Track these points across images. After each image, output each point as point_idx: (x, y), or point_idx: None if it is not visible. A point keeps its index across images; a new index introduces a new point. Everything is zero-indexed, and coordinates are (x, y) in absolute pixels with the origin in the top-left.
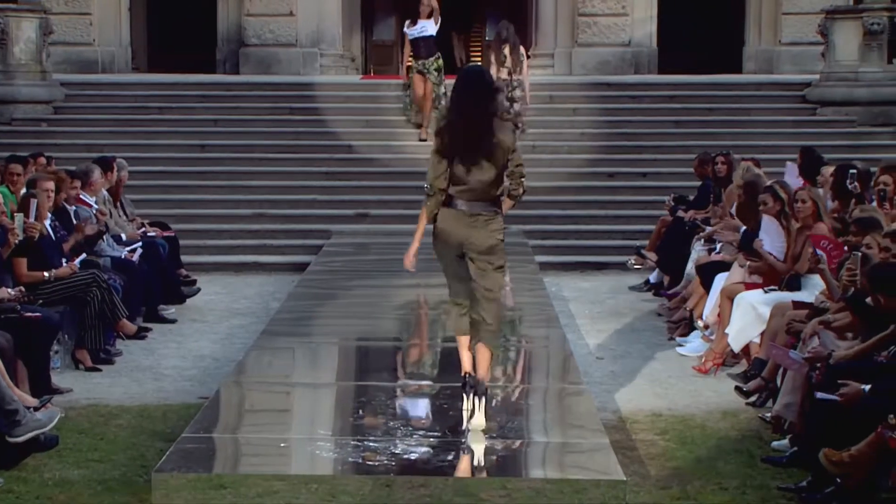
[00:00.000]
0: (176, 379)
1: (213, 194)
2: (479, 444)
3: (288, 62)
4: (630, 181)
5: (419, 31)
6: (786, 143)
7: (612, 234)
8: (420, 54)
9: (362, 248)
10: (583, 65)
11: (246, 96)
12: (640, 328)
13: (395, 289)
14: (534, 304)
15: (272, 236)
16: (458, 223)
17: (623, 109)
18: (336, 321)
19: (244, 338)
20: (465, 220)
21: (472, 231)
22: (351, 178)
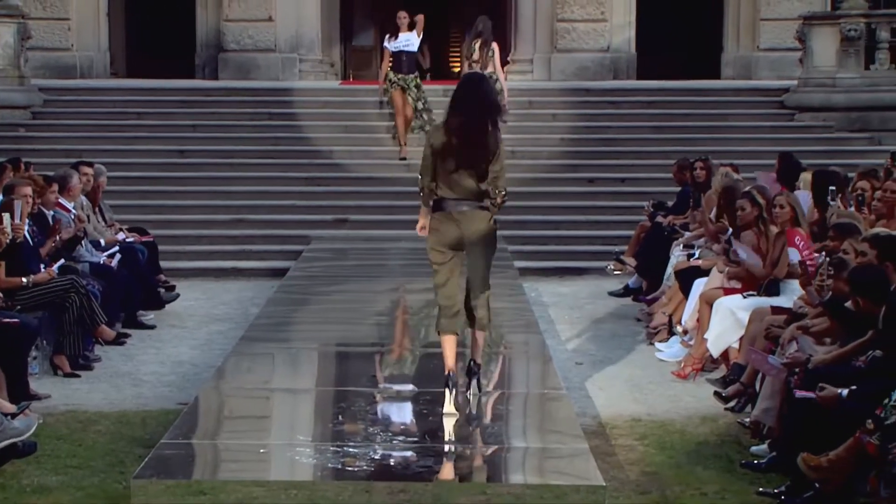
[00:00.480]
0: (155, 385)
1: (192, 200)
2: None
3: (267, 67)
4: (609, 186)
5: (403, 45)
6: (764, 148)
7: (592, 240)
8: (401, 69)
9: (341, 254)
10: (562, 70)
11: (225, 101)
12: (619, 333)
13: (375, 294)
14: (513, 310)
15: (251, 242)
16: (450, 223)
17: (602, 115)
18: (315, 327)
19: (223, 343)
20: (454, 220)
21: (463, 228)
22: (330, 183)
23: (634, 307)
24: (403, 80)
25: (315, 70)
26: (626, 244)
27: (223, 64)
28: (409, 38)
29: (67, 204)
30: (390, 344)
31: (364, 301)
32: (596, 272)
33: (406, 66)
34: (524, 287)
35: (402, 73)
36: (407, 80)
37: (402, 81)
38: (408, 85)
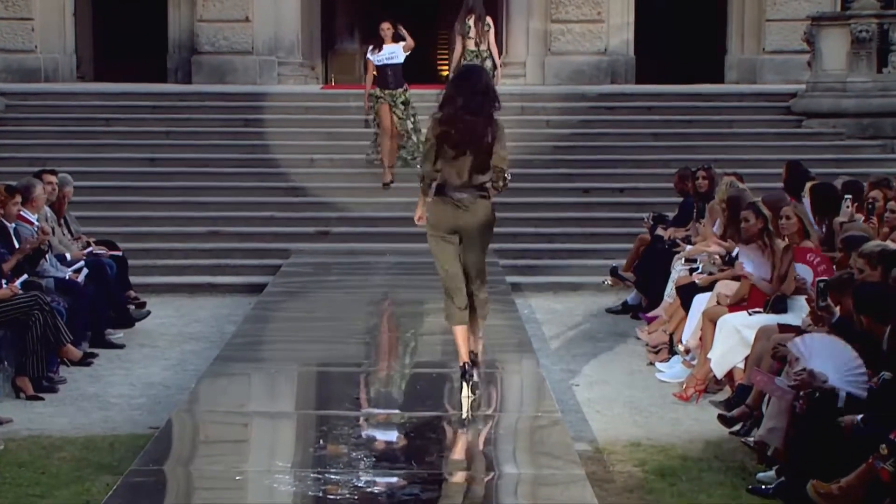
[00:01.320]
0: (124, 408)
1: (163, 211)
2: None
3: (244, 71)
4: (606, 197)
5: (387, 58)
6: (770, 156)
7: (588, 254)
8: (387, 84)
9: (323, 269)
10: (556, 74)
11: (199, 107)
12: (617, 352)
13: (359, 311)
14: (505, 328)
15: (227, 255)
16: (448, 209)
17: (599, 121)
18: (295, 346)
19: (197, 364)
20: (454, 207)
21: (462, 214)
22: (311, 193)
23: (633, 325)
24: (390, 96)
25: (295, 74)
26: (625, 258)
27: (197, 67)
28: (394, 50)
29: (30, 216)
30: (375, 364)
31: (347, 319)
32: (592, 288)
33: (392, 80)
34: (516, 303)
35: (388, 89)
36: (394, 96)
37: (388, 97)
38: (395, 101)
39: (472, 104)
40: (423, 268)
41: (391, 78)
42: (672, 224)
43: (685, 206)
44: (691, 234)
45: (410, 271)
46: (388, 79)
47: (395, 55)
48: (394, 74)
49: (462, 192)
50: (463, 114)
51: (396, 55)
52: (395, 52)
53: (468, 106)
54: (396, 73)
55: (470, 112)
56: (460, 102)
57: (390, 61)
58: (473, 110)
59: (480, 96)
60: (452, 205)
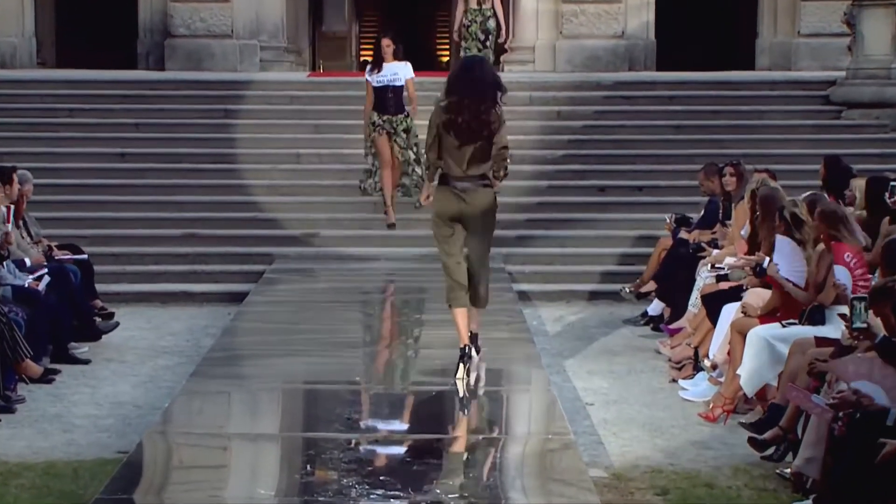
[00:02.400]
0: (89, 430)
1: (134, 211)
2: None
3: (222, 56)
4: (623, 196)
5: (389, 79)
6: (806, 151)
7: (603, 258)
8: (387, 108)
9: (310, 275)
10: (568, 60)
11: (173, 96)
12: (636, 369)
13: (350, 323)
14: (512, 340)
15: (204, 261)
16: (452, 198)
17: (615, 112)
18: (280, 360)
19: (171, 381)
20: (457, 196)
21: (464, 203)
22: (297, 192)
23: (654, 338)
24: (390, 123)
25: (279, 59)
26: (644, 264)
27: (170, 52)
28: (397, 69)
29: None
30: (368, 381)
31: (337, 330)
32: (608, 296)
33: (393, 105)
34: (524, 314)
35: (387, 115)
36: (394, 123)
37: (388, 124)
38: (395, 129)
39: (476, 95)
40: (419, 274)
41: (391, 102)
42: (697, 226)
43: (711, 206)
44: (718, 238)
45: (406, 278)
46: (388, 103)
47: (396, 76)
48: (394, 98)
49: (464, 181)
50: (467, 104)
51: (398, 76)
52: (398, 72)
53: (472, 97)
54: (397, 96)
55: (474, 103)
56: (464, 93)
57: (391, 83)
58: (478, 101)
59: (484, 86)
60: (455, 194)
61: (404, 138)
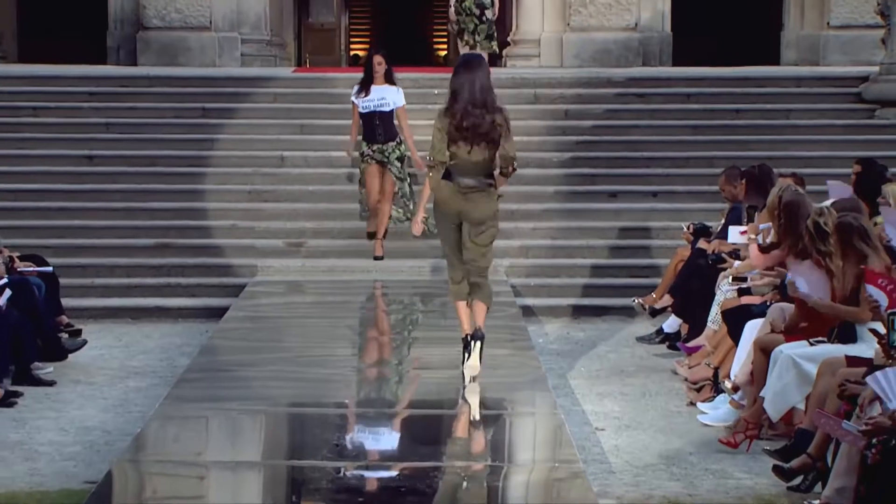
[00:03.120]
0: (54, 458)
1: (103, 219)
2: None
3: (200, 50)
4: (637, 202)
5: (377, 104)
6: (837, 153)
7: (615, 271)
8: (375, 137)
9: (296, 289)
10: (576, 55)
11: (146, 94)
12: (650, 391)
13: (338, 341)
14: (515, 360)
15: (180, 273)
16: (455, 196)
17: (628, 111)
18: (263, 382)
19: (143, 404)
20: (461, 194)
21: (467, 203)
22: (281, 198)
23: (670, 357)
24: (381, 152)
25: (262, 54)
26: (659, 277)
27: (143, 45)
28: (385, 94)
29: None
30: (358, 405)
31: (325, 349)
32: (620, 312)
33: (383, 132)
34: (528, 330)
35: (377, 143)
36: (386, 152)
37: (378, 154)
38: (387, 158)
39: (477, 98)
40: (413, 287)
41: (380, 129)
42: (718, 235)
43: (733, 213)
44: (740, 248)
45: (399, 292)
46: (376, 130)
47: (384, 101)
48: (383, 125)
49: (469, 179)
50: (470, 108)
51: (386, 101)
52: (385, 97)
53: (474, 100)
54: (386, 122)
55: (476, 106)
56: (466, 96)
57: (378, 109)
58: (480, 104)
59: (484, 88)
60: (459, 191)
61: (398, 167)
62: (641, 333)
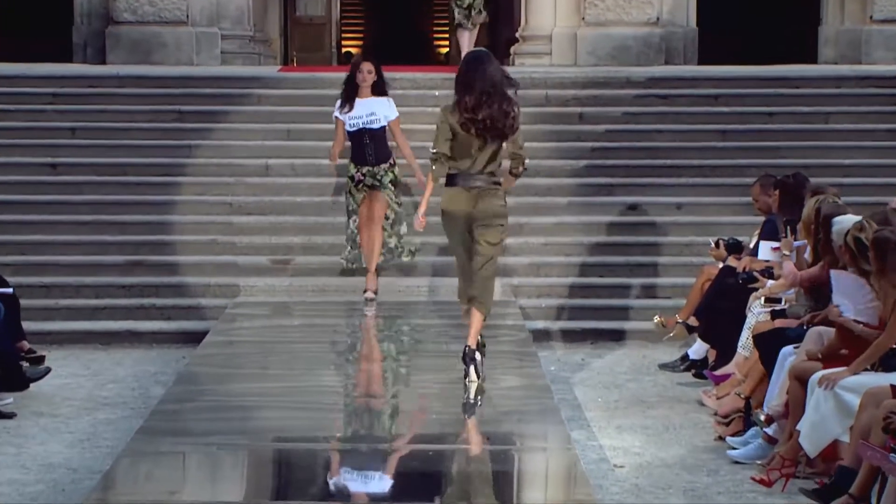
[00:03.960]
0: (13, 497)
1: (68, 233)
2: None
3: (175, 47)
4: (659, 215)
5: (365, 121)
6: (880, 160)
7: (635, 291)
8: (365, 158)
9: (282, 311)
10: (592, 52)
11: (115, 95)
12: (675, 424)
13: (327, 368)
14: (524, 389)
15: (153, 293)
16: (461, 199)
17: (649, 115)
18: (245, 414)
19: (113, 439)
20: (467, 195)
21: (475, 203)
22: (266, 210)
23: (697, 386)
24: (372, 176)
25: (244, 51)
26: (684, 298)
27: (113, 42)
28: (374, 108)
29: None
30: (350, 439)
31: (313, 378)
32: (641, 336)
33: (373, 152)
34: (539, 357)
35: (367, 166)
36: (378, 175)
37: (370, 177)
38: (379, 181)
39: (490, 89)
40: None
41: (369, 149)
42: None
43: (768, 226)
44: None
45: (395, 314)
46: (366, 150)
47: (374, 117)
48: (374, 144)
49: (475, 180)
50: (476, 104)
51: (376, 117)
52: (375, 111)
53: (482, 96)
54: (377, 141)
55: (484, 103)
56: (474, 93)
57: (368, 125)
58: (487, 101)
59: (497, 81)
60: (465, 193)
61: (391, 192)
62: (664, 360)
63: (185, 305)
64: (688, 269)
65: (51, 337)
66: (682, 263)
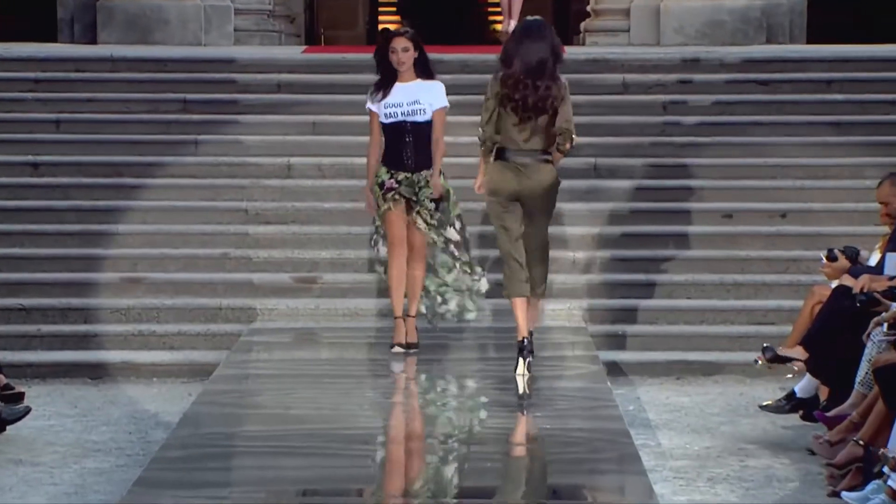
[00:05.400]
0: None
1: (53, 246)
2: None
3: (180, 24)
4: (760, 225)
5: (406, 110)
6: None
7: (731, 315)
8: (403, 160)
9: (305, 339)
10: (678, 29)
11: (108, 81)
12: (779, 475)
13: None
14: (598, 432)
15: (154, 317)
16: (509, 174)
17: (746, 104)
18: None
19: (106, 491)
20: (515, 171)
21: (524, 179)
22: (288, 218)
23: (806, 430)
24: (410, 185)
25: (262, 28)
26: (790, 324)
27: (105, 17)
28: (418, 94)
29: None
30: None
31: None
32: (738, 369)
33: (413, 154)
34: (615, 394)
35: (404, 171)
36: (416, 184)
37: (407, 187)
38: (417, 195)
39: (534, 66)
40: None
41: (410, 149)
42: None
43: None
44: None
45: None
46: (404, 150)
47: (418, 106)
48: (415, 142)
49: (524, 156)
50: (525, 77)
51: (421, 105)
52: (419, 98)
53: (530, 68)
54: (421, 139)
55: (532, 75)
56: (522, 65)
57: (410, 118)
58: (536, 73)
59: (543, 57)
60: (514, 169)
61: (431, 211)
62: (766, 399)
63: (191, 332)
64: (794, 290)
65: (31, 370)
66: (788, 282)
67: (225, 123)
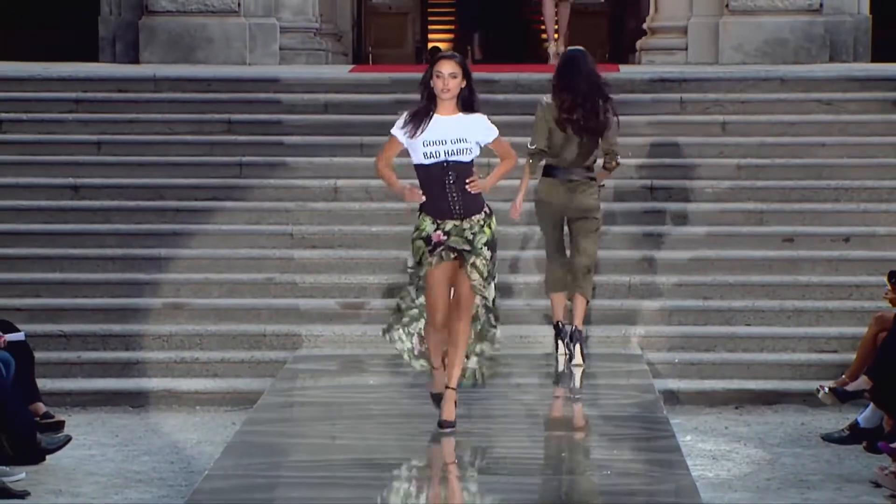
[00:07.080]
0: None
1: (93, 271)
2: None
3: (224, 43)
4: (823, 249)
5: (448, 149)
6: None
7: (792, 342)
8: (447, 207)
9: (353, 366)
10: (738, 47)
11: (151, 101)
12: None
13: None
14: (654, 463)
15: (197, 344)
16: (557, 190)
17: (810, 124)
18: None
19: None
20: (563, 187)
21: (570, 195)
22: (335, 243)
23: (870, 462)
24: (460, 234)
25: (308, 47)
26: (852, 352)
27: (148, 36)
28: (463, 131)
29: None
30: None
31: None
32: (799, 398)
33: (460, 198)
34: (672, 424)
35: (451, 219)
36: (464, 232)
37: (454, 237)
38: (471, 244)
39: (580, 96)
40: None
41: (455, 194)
42: None
43: None
44: None
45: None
46: (449, 195)
47: (464, 144)
48: (458, 184)
49: (571, 174)
50: (583, 100)
51: (467, 143)
52: (467, 134)
53: (577, 97)
54: (461, 180)
55: (579, 105)
56: (571, 93)
57: (453, 157)
58: (583, 103)
59: (597, 81)
60: (561, 185)
61: (486, 261)
62: (828, 429)
63: (234, 360)
64: (857, 317)
65: (71, 398)
66: (851, 309)
67: (270, 145)
